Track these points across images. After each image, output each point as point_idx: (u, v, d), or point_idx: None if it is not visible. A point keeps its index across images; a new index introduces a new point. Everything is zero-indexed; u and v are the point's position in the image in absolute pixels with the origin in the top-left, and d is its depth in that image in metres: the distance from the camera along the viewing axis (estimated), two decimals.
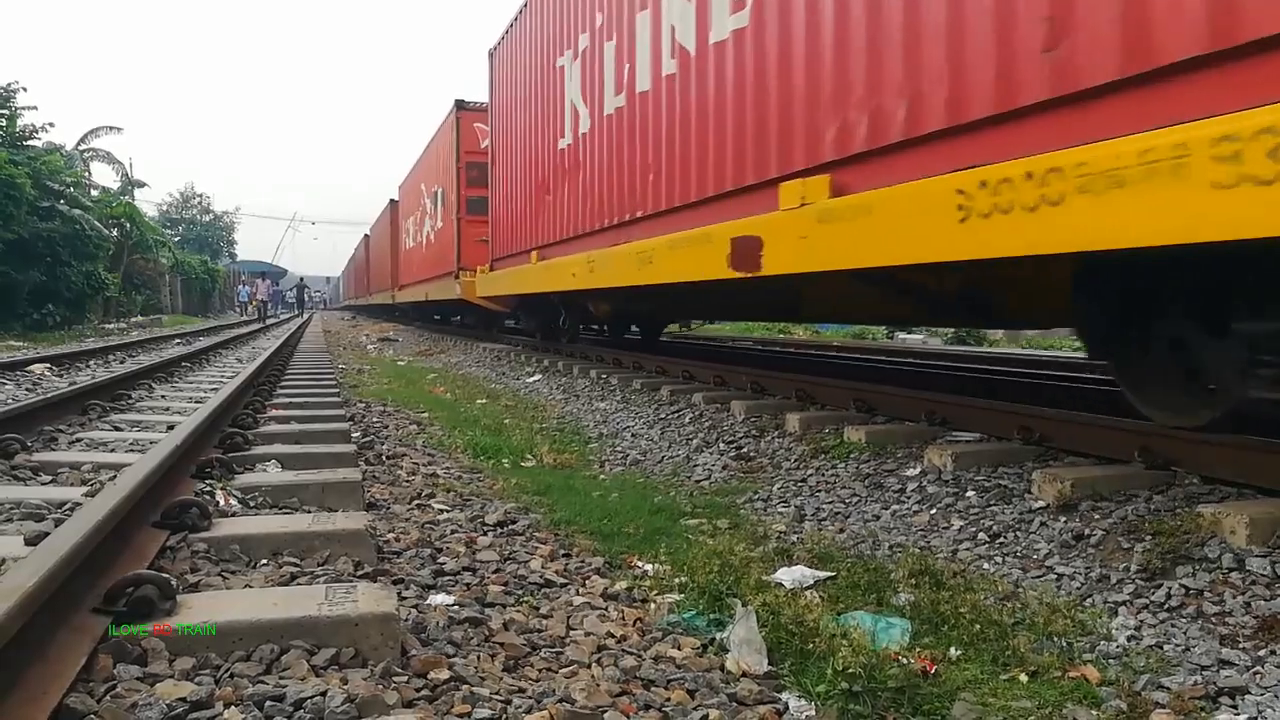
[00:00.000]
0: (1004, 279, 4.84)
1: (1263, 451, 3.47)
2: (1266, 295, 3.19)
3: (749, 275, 4.95)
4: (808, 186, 4.56)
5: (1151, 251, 2.72)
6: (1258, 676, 2.26)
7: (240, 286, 40.49)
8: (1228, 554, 2.85)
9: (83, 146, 33.66)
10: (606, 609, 2.70)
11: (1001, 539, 3.42)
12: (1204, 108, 2.59)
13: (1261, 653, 2.36)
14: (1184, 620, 2.61)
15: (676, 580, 2.96)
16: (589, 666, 2.24)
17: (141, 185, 39.35)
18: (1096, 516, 3.36)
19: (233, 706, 1.74)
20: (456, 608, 2.52)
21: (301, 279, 59.55)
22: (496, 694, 1.99)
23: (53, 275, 19.89)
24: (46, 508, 3.04)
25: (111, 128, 35.81)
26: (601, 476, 5.10)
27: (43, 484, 3.60)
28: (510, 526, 3.62)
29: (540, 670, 2.20)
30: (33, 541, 2.49)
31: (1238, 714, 2.13)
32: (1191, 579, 2.79)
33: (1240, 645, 2.42)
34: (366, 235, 40.82)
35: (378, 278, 34.37)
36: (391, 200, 28.36)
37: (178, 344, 15.29)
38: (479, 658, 2.19)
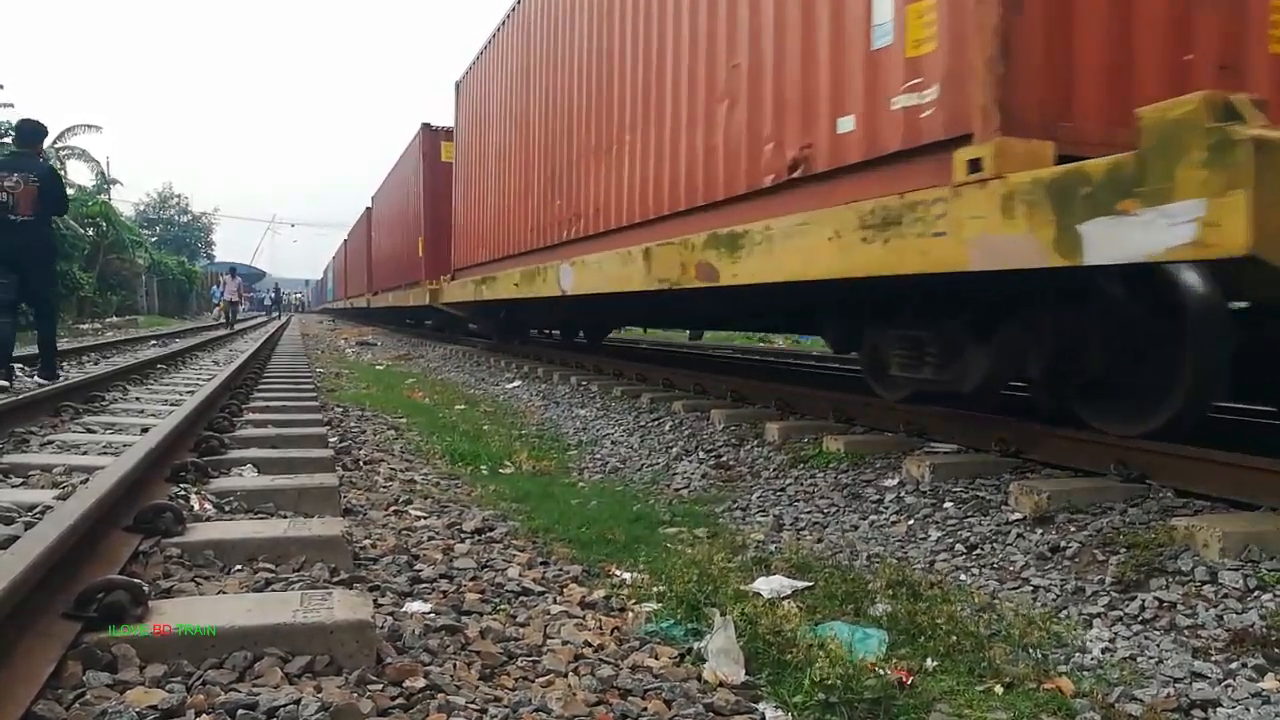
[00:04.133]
0: None
1: (1235, 465, 3.51)
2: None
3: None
4: None
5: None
6: (1229, 689, 2.28)
7: (214, 288, 39.83)
8: (1201, 567, 2.87)
9: (59, 145, 33.28)
10: (584, 617, 2.68)
11: (978, 550, 3.44)
12: None
13: (1233, 665, 2.39)
14: (1157, 633, 2.63)
15: (654, 589, 2.95)
16: (566, 675, 2.22)
17: (116, 183, 38.97)
18: (1072, 529, 3.39)
19: (204, 715, 1.72)
20: (433, 615, 2.50)
21: (276, 283, 59.26)
22: (472, 703, 1.97)
23: None
24: (16, 510, 2.99)
25: (89, 126, 35.49)
26: (580, 484, 5.09)
27: (13, 486, 3.54)
28: (488, 534, 3.61)
29: (517, 679, 2.19)
30: (2, 545, 2.45)
31: None
32: (1165, 592, 2.81)
33: (1212, 658, 2.44)
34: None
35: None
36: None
37: (153, 345, 15.12)
38: (455, 666, 2.18)
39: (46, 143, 10.09)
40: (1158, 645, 2.56)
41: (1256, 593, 2.70)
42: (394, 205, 22.34)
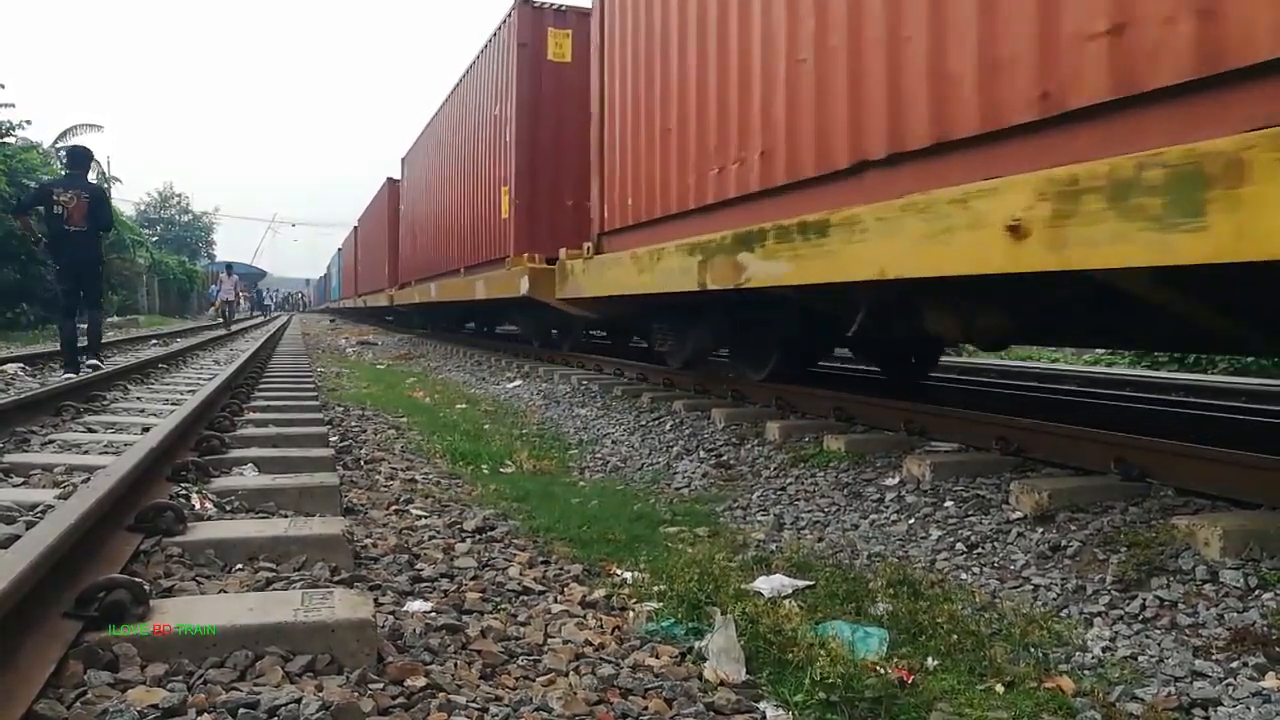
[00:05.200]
0: None
1: (1236, 464, 3.51)
2: None
3: None
4: None
5: None
6: (1230, 688, 2.28)
7: (212, 286, 39.67)
8: (1201, 566, 2.87)
9: (60, 144, 33.25)
10: (585, 617, 2.68)
11: (979, 549, 3.44)
12: None
13: (1234, 664, 2.38)
14: (1158, 631, 2.63)
15: (655, 588, 2.95)
16: (566, 675, 2.23)
17: (117, 183, 38.95)
18: (1073, 528, 3.39)
19: (205, 714, 1.72)
20: (434, 614, 2.50)
21: (257, 282, 58.51)
22: (473, 702, 1.97)
23: (26, 274, 19.63)
24: (17, 510, 2.99)
25: (90, 125, 35.45)
26: (581, 483, 5.09)
27: (14, 486, 3.55)
28: (489, 533, 3.61)
29: (517, 678, 2.19)
30: (3, 544, 2.45)
31: None
32: (1166, 590, 2.81)
33: (1213, 657, 2.44)
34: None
35: None
36: None
37: (154, 345, 15.13)
38: (456, 665, 2.18)
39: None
40: (1158, 644, 2.56)
41: (1257, 591, 2.70)
42: (450, 150, 15.16)
